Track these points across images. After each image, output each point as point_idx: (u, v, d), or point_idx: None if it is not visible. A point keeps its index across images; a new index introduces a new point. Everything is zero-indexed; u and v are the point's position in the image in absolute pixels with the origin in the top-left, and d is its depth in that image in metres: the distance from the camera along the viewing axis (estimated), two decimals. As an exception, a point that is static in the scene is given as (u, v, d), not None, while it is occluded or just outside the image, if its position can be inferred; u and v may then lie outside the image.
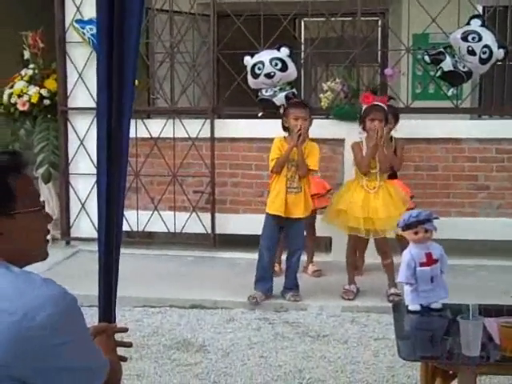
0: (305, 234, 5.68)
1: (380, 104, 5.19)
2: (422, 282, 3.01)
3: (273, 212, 5.07)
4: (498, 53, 5.91)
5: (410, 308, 3.00)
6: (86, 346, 1.51)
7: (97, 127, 1.99)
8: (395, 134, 5.50)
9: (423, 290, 3.01)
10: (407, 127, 5.91)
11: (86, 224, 6.37)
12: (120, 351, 1.89)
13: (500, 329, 2.48)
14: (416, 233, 3.03)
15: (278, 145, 5.09)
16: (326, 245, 6.29)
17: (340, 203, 5.20)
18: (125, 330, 2.12)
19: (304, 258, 5.78)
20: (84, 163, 6.38)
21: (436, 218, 3.08)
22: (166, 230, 6.42)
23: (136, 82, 6.12)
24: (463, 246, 6.05)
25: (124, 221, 6.27)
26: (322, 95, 6.15)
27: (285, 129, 5.24)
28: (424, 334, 2.93)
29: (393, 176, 5.47)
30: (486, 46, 5.87)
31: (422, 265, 3.02)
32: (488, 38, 5.91)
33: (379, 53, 8.52)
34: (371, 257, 5.53)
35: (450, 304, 3.04)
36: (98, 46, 2.10)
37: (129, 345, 2.07)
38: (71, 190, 6.51)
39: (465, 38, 5.89)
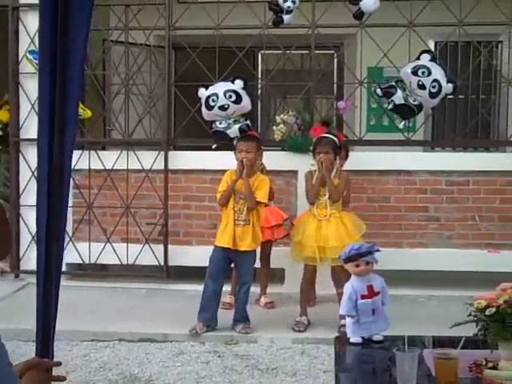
0: (259, 265, 5.71)
1: (328, 136, 5.26)
2: (364, 314, 3.01)
3: (220, 244, 5.07)
4: (447, 87, 6.04)
5: (351, 340, 3.00)
6: (3, 381, 1.48)
7: (38, 160, 1.96)
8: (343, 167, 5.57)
9: (365, 322, 3.01)
10: (360, 159, 6.00)
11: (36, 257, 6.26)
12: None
13: (435, 361, 2.49)
14: (357, 265, 3.03)
15: (227, 177, 5.12)
16: (279, 276, 6.28)
17: (297, 236, 5.23)
18: (58, 364, 2.08)
19: (257, 289, 5.79)
20: (35, 195, 6.28)
21: (377, 251, 3.09)
22: (119, 262, 6.35)
23: (89, 113, 6.15)
24: (414, 277, 6.11)
25: (75, 253, 6.26)
26: (275, 128, 6.21)
27: None
28: (365, 366, 2.93)
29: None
30: (435, 80, 5.99)
31: (363, 297, 3.02)
32: (437, 72, 6.04)
33: (335, 85, 8.64)
34: (323, 288, 5.55)
35: (391, 336, 3.04)
36: (40, 75, 2.08)
37: (62, 379, 2.02)
38: (22, 222, 6.41)
39: (415, 73, 6.01)
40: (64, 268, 6.10)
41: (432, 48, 7.64)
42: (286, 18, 6.23)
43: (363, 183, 6.23)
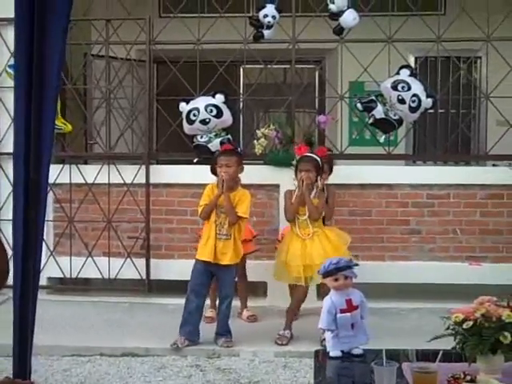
0: (236, 279, 5.72)
1: (310, 155, 5.30)
2: (343, 328, 3.03)
3: (202, 258, 5.07)
4: (427, 102, 6.10)
5: (331, 354, 3.02)
6: None
7: (14, 175, 1.96)
8: (327, 180, 5.60)
9: (344, 336, 3.03)
10: (341, 173, 6.03)
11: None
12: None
13: (414, 375, 2.51)
14: (336, 280, 3.06)
15: (209, 191, 5.13)
16: (261, 290, 6.29)
17: (282, 255, 5.24)
18: None
19: (238, 303, 5.80)
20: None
21: (356, 265, 3.12)
22: (101, 276, 6.33)
23: (70, 127, 6.13)
24: (397, 290, 6.15)
25: (57, 267, 6.22)
26: (256, 141, 6.24)
27: (215, 174, 5.34)
28: (344, 380, 2.95)
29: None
30: (414, 94, 6.05)
31: (342, 311, 3.04)
32: (417, 87, 6.10)
33: (316, 100, 8.70)
34: (306, 302, 5.55)
35: (371, 349, 3.06)
36: (16, 92, 2.08)
37: None
38: (2, 237, 6.37)
39: (395, 87, 6.07)
40: (45, 282, 6.19)
41: (412, 63, 7.73)
42: (266, 32, 6.28)
43: (345, 197, 6.26)
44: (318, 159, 5.26)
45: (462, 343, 2.68)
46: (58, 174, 6.29)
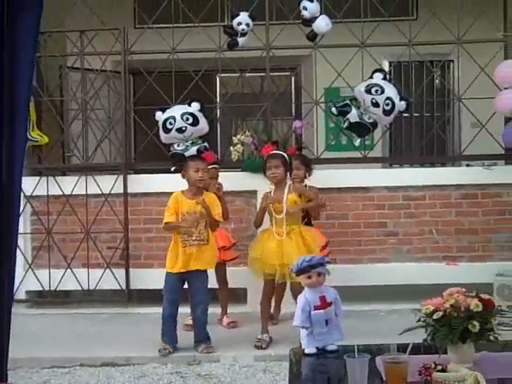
0: (217, 286, 5.74)
1: (276, 152, 5.32)
2: (317, 325, 3.05)
3: (174, 271, 5.04)
4: (400, 105, 6.18)
5: (306, 351, 3.03)
6: None
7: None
8: (308, 182, 5.65)
9: (318, 332, 3.05)
10: (318, 177, 6.07)
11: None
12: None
13: (385, 365, 2.54)
14: (309, 277, 3.08)
15: (174, 201, 5.06)
16: (241, 296, 6.30)
17: (254, 251, 5.25)
18: None
19: (219, 309, 5.81)
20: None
21: (328, 263, 3.15)
22: (80, 288, 6.31)
23: (46, 139, 6.11)
24: (375, 292, 6.18)
25: (35, 280, 6.19)
26: (232, 148, 6.27)
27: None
28: (319, 376, 2.96)
29: (308, 224, 5.59)
30: (388, 98, 6.12)
31: (316, 308, 3.06)
32: (390, 90, 6.17)
33: (293, 106, 8.76)
34: (286, 306, 5.58)
35: (345, 346, 3.08)
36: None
37: None
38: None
39: (368, 91, 6.14)
40: (24, 296, 6.17)
41: (386, 68, 7.81)
42: (240, 40, 6.34)
43: (322, 201, 6.28)
44: (285, 155, 5.29)
45: (432, 334, 2.72)
46: (35, 186, 6.29)
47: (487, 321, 2.66)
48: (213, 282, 5.75)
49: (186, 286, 5.17)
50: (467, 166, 6.90)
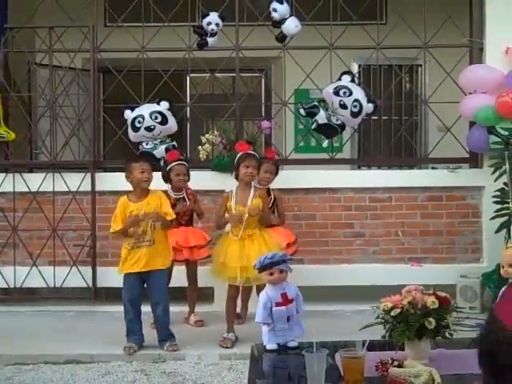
0: (187, 285, 5.76)
1: (254, 153, 5.36)
2: (279, 321, 3.10)
3: (129, 271, 5.02)
4: (368, 107, 6.26)
5: (267, 347, 3.08)
6: None
7: None
8: (271, 185, 5.69)
9: (280, 329, 3.10)
10: (286, 178, 6.13)
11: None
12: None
13: (343, 360, 2.58)
14: (271, 274, 3.12)
15: (121, 209, 5.01)
16: (208, 295, 6.31)
17: (220, 256, 5.27)
18: None
19: (186, 308, 5.83)
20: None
21: (290, 260, 3.19)
22: (46, 286, 6.28)
23: (13, 135, 6.08)
24: (341, 292, 6.24)
25: (0, 277, 6.14)
26: (200, 147, 6.29)
27: (165, 180, 5.54)
28: (280, 372, 3.00)
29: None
30: (356, 100, 6.20)
31: (278, 305, 3.11)
32: (358, 92, 6.25)
33: (263, 107, 8.81)
34: (252, 306, 5.61)
35: (306, 342, 3.12)
36: None
37: None
38: None
39: (337, 93, 6.21)
40: (-12, 293, 6.10)
41: (355, 70, 7.90)
42: (210, 40, 6.37)
43: (289, 201, 6.35)
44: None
45: (390, 330, 2.78)
46: (1, 182, 6.25)
47: (443, 318, 2.73)
48: (183, 281, 5.78)
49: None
50: (433, 168, 7.00)
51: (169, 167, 5.65)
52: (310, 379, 2.55)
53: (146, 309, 5.18)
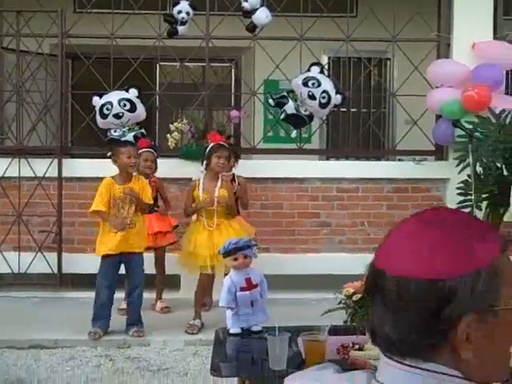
0: (154, 271, 5.77)
1: (226, 144, 5.41)
2: (243, 305, 3.14)
3: (107, 252, 5.06)
4: (336, 98, 6.30)
5: (230, 331, 3.11)
6: None
7: None
8: (236, 172, 5.72)
9: (244, 313, 3.13)
10: (254, 167, 6.16)
11: None
12: None
13: (304, 343, 2.63)
14: (236, 259, 3.16)
15: (107, 188, 5.10)
16: (174, 282, 6.33)
17: (189, 246, 5.30)
18: None
19: (153, 295, 5.84)
20: None
21: (255, 245, 3.23)
22: (10, 271, 6.23)
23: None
24: (307, 281, 6.30)
25: (-37, 262, 6.02)
26: (168, 135, 6.29)
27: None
28: (243, 355, 3.04)
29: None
30: (324, 91, 6.24)
31: (242, 289, 3.14)
32: (326, 84, 6.29)
33: (232, 96, 8.82)
34: (216, 292, 5.64)
35: (269, 327, 3.16)
36: None
37: None
38: None
39: (305, 84, 6.24)
40: (-48, 278, 6.03)
41: (325, 62, 7.94)
42: (180, 29, 6.35)
43: (257, 190, 6.39)
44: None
45: (351, 315, 2.83)
46: (-35, 167, 6.19)
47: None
48: (150, 268, 5.79)
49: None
50: (399, 160, 7.09)
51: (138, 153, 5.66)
52: (272, 362, 2.60)
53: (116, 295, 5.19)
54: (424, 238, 0.98)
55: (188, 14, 6.32)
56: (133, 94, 6.19)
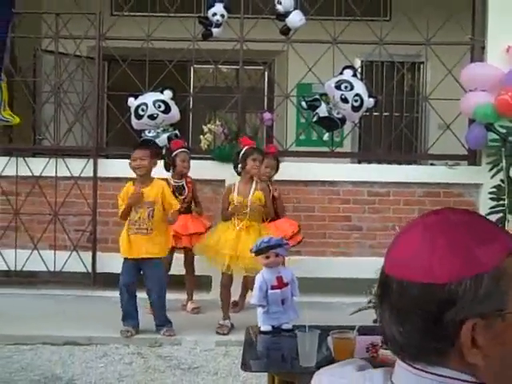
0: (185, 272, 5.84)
1: (260, 148, 5.49)
2: (273, 304, 3.17)
3: (126, 256, 5.14)
4: (369, 101, 6.31)
5: (261, 329, 3.15)
6: None
7: None
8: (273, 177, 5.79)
9: (274, 311, 3.17)
10: (286, 170, 6.19)
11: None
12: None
13: (333, 341, 2.66)
14: (267, 257, 3.20)
15: (125, 195, 5.16)
16: (206, 283, 6.39)
17: (210, 238, 5.36)
18: None
19: (184, 295, 5.90)
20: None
21: (286, 244, 3.27)
22: (46, 269, 6.35)
23: (18, 119, 6.12)
24: (338, 284, 6.30)
25: (1, 260, 6.21)
26: (201, 137, 6.36)
27: (167, 169, 5.64)
28: (274, 353, 3.08)
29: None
30: (357, 94, 6.25)
31: (273, 288, 3.18)
32: (359, 87, 6.30)
33: (265, 99, 8.88)
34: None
35: (299, 325, 3.19)
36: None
37: None
38: None
39: (338, 87, 6.26)
40: (-11, 275, 6.17)
41: (358, 66, 7.95)
42: (215, 31, 6.41)
43: (289, 193, 6.41)
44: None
45: (381, 315, 2.84)
46: (4, 166, 6.32)
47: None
48: (181, 269, 5.87)
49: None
50: (431, 165, 7.07)
51: (174, 153, 5.75)
52: (301, 358, 2.63)
53: (142, 295, 5.25)
54: (426, 242, 0.98)
55: (223, 16, 6.38)
56: (167, 95, 6.27)
